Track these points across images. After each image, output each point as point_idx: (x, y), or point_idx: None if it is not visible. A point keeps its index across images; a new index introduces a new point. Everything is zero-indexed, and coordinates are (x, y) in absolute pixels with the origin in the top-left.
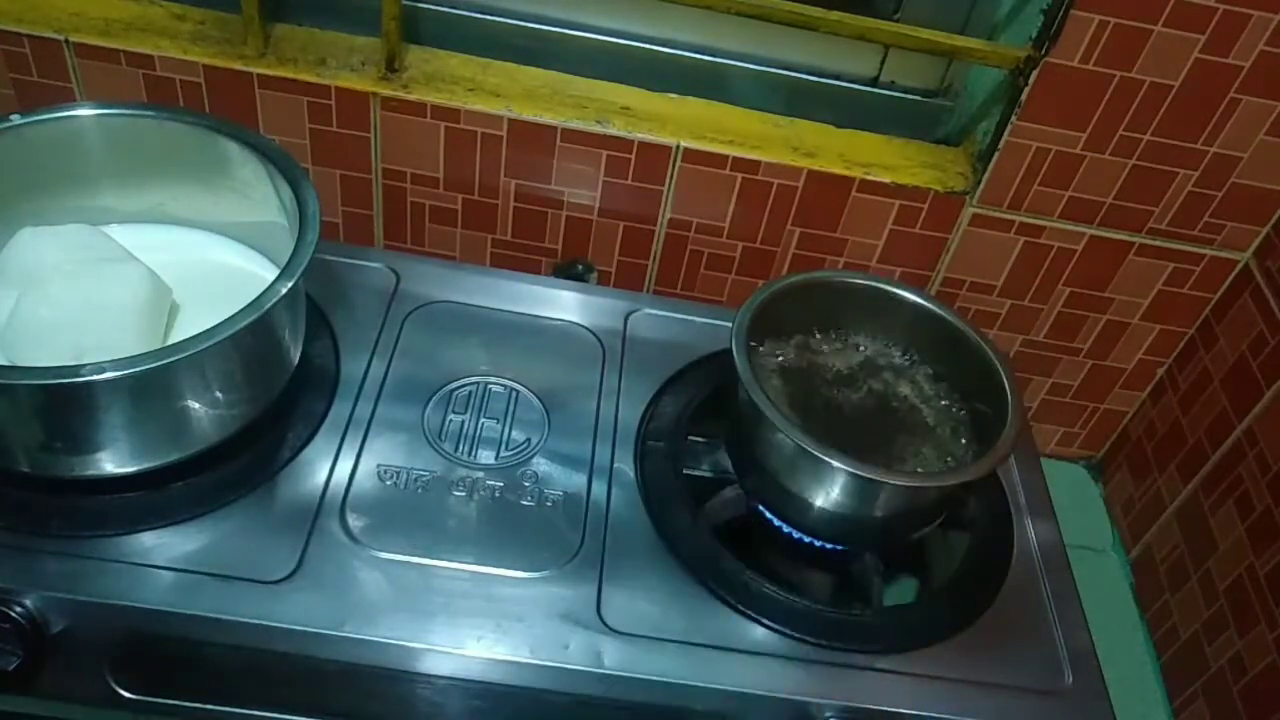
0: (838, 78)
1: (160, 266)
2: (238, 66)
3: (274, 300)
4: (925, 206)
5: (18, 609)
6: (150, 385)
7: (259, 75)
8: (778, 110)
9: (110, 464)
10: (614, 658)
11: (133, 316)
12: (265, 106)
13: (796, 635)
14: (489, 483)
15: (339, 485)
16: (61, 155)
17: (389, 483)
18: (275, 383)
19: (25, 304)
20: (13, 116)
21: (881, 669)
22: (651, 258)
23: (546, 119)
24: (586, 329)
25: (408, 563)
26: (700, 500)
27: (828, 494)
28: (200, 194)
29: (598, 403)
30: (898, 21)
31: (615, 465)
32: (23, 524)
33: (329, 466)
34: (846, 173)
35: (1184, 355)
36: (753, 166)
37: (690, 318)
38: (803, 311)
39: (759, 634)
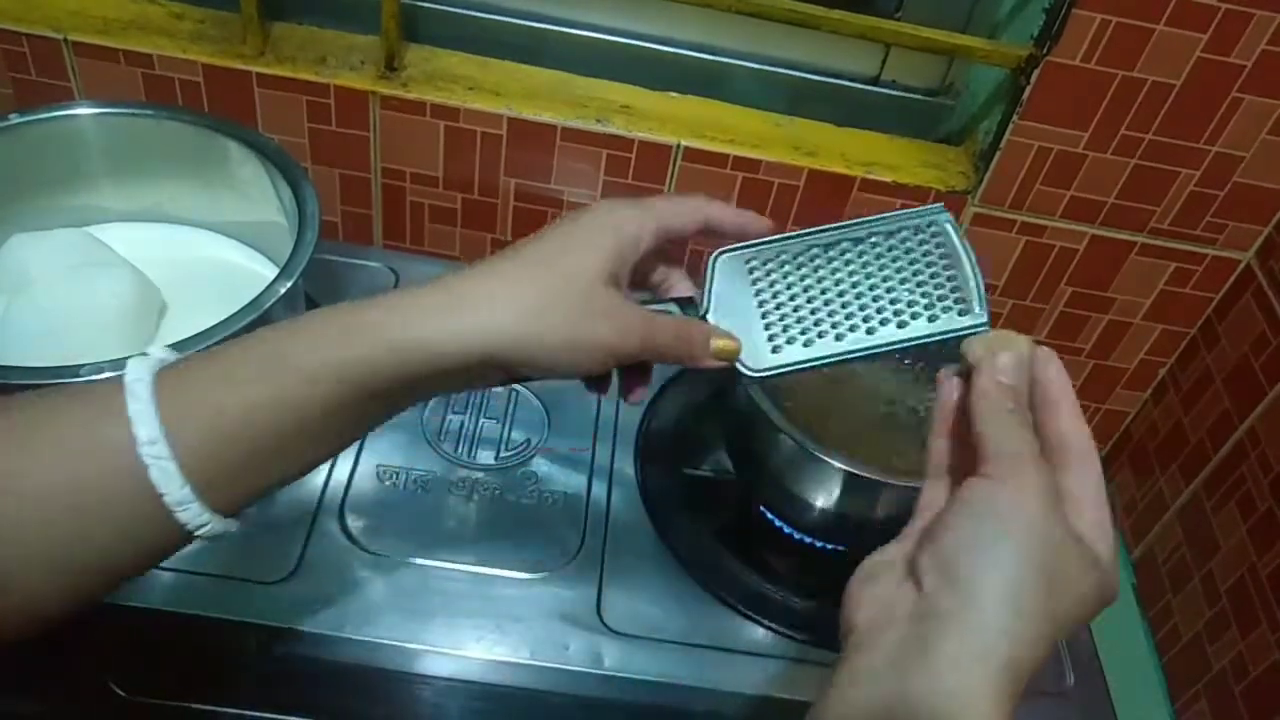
0: (839, 76)
1: (159, 265)
2: (237, 65)
3: (273, 300)
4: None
5: None
6: None
7: (258, 74)
8: (778, 109)
9: None
10: (614, 658)
11: (116, 321)
12: (264, 105)
13: (797, 635)
14: (489, 483)
15: (338, 486)
16: (61, 154)
17: (388, 483)
18: None
19: (11, 312)
20: (12, 116)
21: None
22: None
23: (546, 118)
24: None
25: (407, 563)
26: (700, 500)
27: (828, 494)
28: (199, 193)
29: (598, 403)
30: (899, 20)
31: (615, 465)
32: None
33: (328, 467)
34: (848, 172)
35: (1186, 355)
36: (753, 166)
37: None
38: None
39: (759, 634)
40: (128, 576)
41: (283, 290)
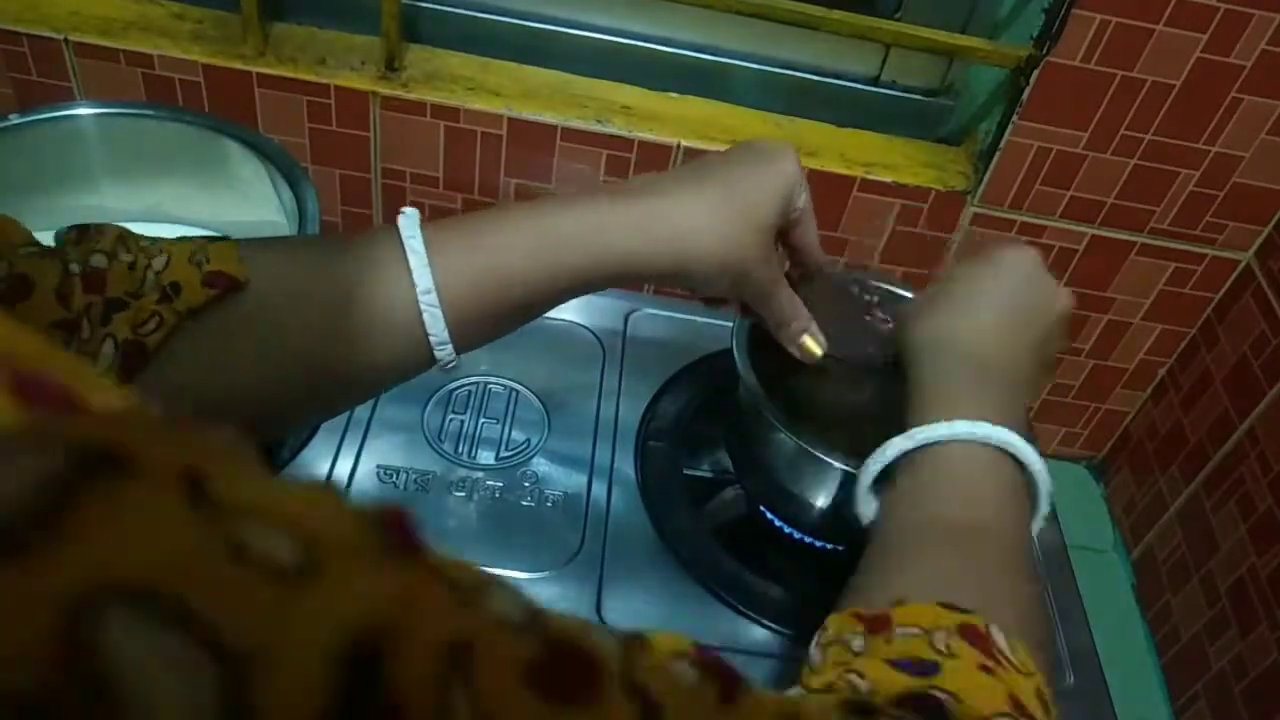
0: (839, 77)
1: None
2: (237, 65)
3: None
4: (926, 206)
5: None
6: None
7: (258, 74)
8: (778, 110)
9: None
10: None
11: None
12: (264, 105)
13: (797, 635)
14: (489, 483)
15: (338, 486)
16: (61, 155)
17: (388, 483)
18: None
19: None
20: (12, 116)
21: None
22: None
23: (546, 118)
24: (586, 329)
25: None
26: (700, 500)
27: (828, 494)
28: (199, 193)
29: (598, 403)
30: (899, 21)
31: (615, 465)
32: None
33: (328, 467)
34: (847, 172)
35: (1185, 355)
36: None
37: (690, 318)
38: None
39: (759, 634)
40: (375, 394)
41: None
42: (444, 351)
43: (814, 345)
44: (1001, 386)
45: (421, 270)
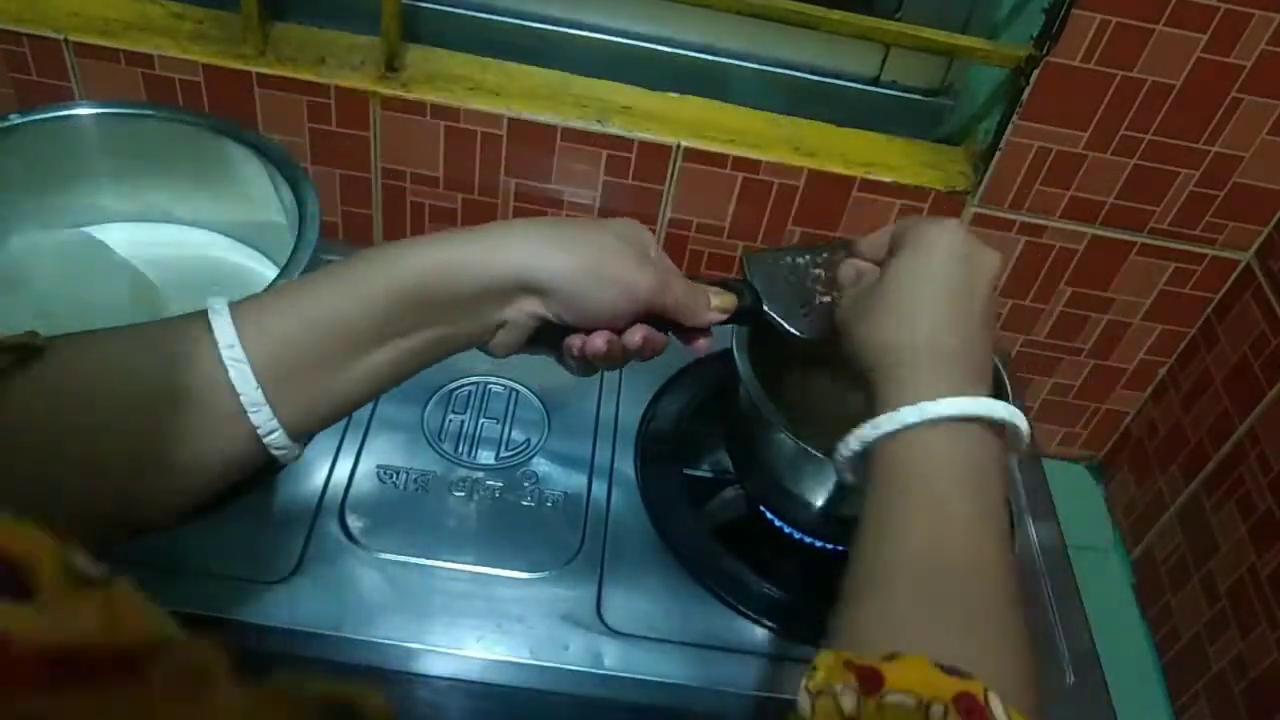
0: (839, 77)
1: (159, 266)
2: (237, 65)
3: None
4: (926, 206)
5: None
6: None
7: (258, 74)
8: (778, 109)
9: None
10: (614, 658)
11: (114, 319)
12: (265, 105)
13: (797, 636)
14: (489, 483)
15: (338, 485)
16: (61, 155)
17: (388, 483)
18: None
19: (10, 309)
20: (12, 116)
21: None
22: None
23: (546, 118)
24: None
25: (408, 563)
26: (700, 500)
27: (828, 494)
28: (200, 193)
29: (598, 403)
30: (899, 20)
31: (615, 465)
32: None
33: (328, 467)
34: (847, 172)
35: (1185, 355)
36: (753, 166)
37: None
38: None
39: (759, 634)
40: (215, 485)
41: None
42: (260, 415)
43: (726, 300)
44: (959, 368)
45: (224, 329)
